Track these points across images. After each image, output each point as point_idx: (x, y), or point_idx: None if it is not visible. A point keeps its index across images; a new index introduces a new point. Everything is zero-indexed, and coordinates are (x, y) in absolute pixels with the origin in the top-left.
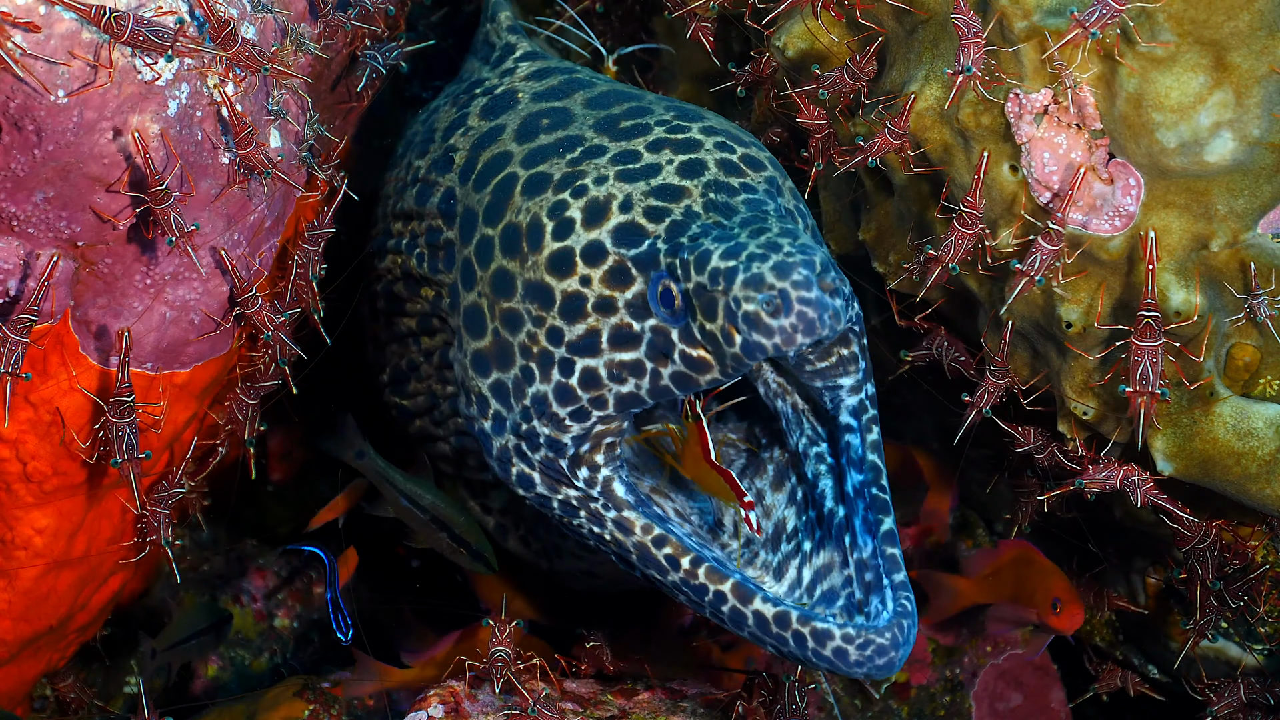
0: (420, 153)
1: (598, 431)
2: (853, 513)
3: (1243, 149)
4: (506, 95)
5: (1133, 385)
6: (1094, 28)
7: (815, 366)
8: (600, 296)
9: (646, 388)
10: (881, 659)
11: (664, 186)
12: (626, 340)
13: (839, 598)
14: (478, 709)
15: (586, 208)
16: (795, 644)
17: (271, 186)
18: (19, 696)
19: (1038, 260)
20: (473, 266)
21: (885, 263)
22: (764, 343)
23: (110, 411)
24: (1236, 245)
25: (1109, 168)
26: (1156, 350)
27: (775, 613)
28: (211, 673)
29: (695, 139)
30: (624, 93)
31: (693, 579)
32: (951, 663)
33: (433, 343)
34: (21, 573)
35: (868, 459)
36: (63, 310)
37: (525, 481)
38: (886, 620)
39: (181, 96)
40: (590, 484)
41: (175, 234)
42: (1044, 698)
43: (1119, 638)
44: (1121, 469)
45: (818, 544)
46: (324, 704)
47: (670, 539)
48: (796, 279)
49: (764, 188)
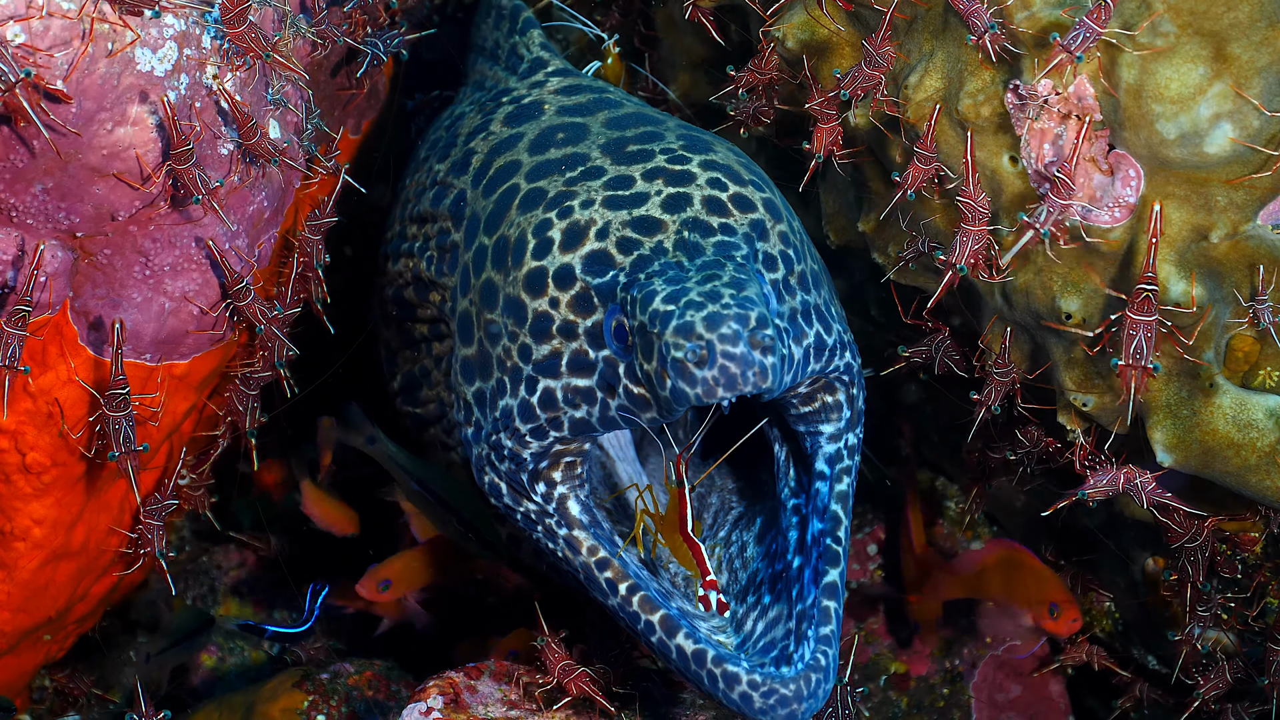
0: (441, 157)
1: (556, 451)
2: (806, 563)
3: (1243, 140)
4: (533, 106)
5: (1125, 359)
6: (1078, 51)
7: (799, 411)
8: (565, 320)
9: (596, 416)
10: (783, 710)
11: (643, 219)
12: (583, 367)
13: (775, 649)
14: (477, 700)
15: (567, 230)
16: (709, 682)
17: (271, 177)
18: (18, 687)
19: (1044, 213)
20: (469, 273)
21: (885, 254)
22: (687, 391)
23: (106, 405)
24: (1236, 236)
25: (1109, 159)
26: (1151, 325)
27: (694, 650)
28: (210, 664)
29: (690, 172)
30: (645, 116)
31: (628, 605)
32: (950, 654)
33: (443, 348)
34: (20, 564)
35: (830, 508)
36: (61, 301)
37: (495, 491)
38: (794, 673)
39: (180, 87)
40: (547, 499)
41: (201, 192)
42: (1043, 689)
43: (1119, 628)
44: (1122, 473)
45: (775, 596)
46: (323, 695)
47: (613, 564)
48: (725, 332)
49: (744, 230)
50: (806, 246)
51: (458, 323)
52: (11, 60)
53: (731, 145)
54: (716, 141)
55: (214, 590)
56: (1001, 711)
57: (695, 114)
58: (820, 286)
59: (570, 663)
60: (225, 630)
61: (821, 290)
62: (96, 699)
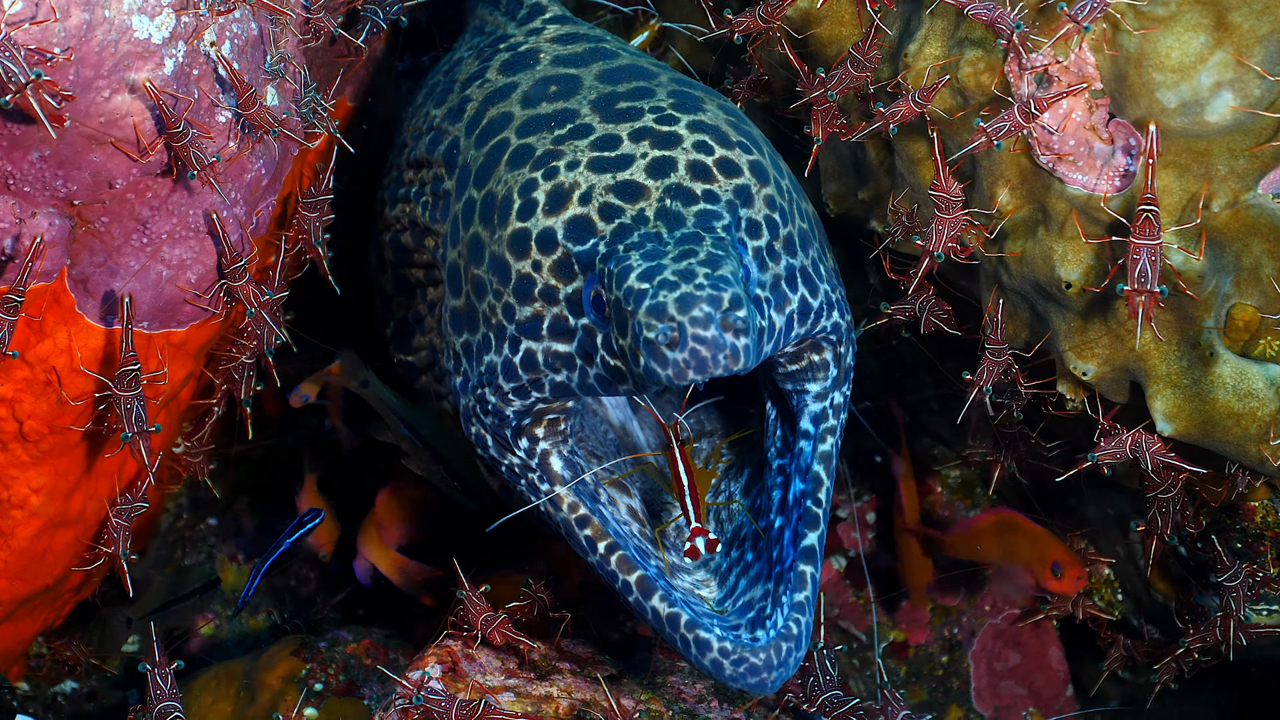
0: (439, 102)
1: (539, 409)
2: (786, 524)
3: (1244, 108)
4: (529, 54)
5: (1131, 284)
6: (1086, 21)
7: (785, 369)
8: (546, 284)
9: (576, 382)
10: (753, 678)
11: (627, 184)
12: (562, 332)
13: (752, 609)
14: (475, 669)
15: (551, 192)
16: (682, 646)
17: (269, 145)
18: (15, 655)
19: (1003, 126)
20: (459, 225)
21: (884, 222)
22: (659, 372)
23: (116, 384)
24: (1237, 205)
25: (1109, 128)
26: (1155, 248)
27: (668, 613)
28: (209, 631)
29: (677, 135)
30: (638, 69)
31: (605, 564)
32: (949, 622)
33: (437, 294)
34: (18, 531)
35: (813, 469)
36: (59, 269)
37: (481, 442)
38: (765, 641)
39: (178, 55)
40: (530, 454)
41: (198, 168)
42: (1042, 657)
43: (1118, 596)
44: (1129, 436)
45: (756, 554)
46: (321, 663)
47: (593, 520)
48: (696, 315)
49: (728, 197)
50: (795, 206)
51: (447, 272)
52: (23, 61)
53: (724, 101)
54: (708, 97)
55: (212, 558)
56: (1000, 679)
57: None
58: (808, 246)
59: (491, 614)
60: (224, 598)
61: (809, 250)
62: (94, 667)
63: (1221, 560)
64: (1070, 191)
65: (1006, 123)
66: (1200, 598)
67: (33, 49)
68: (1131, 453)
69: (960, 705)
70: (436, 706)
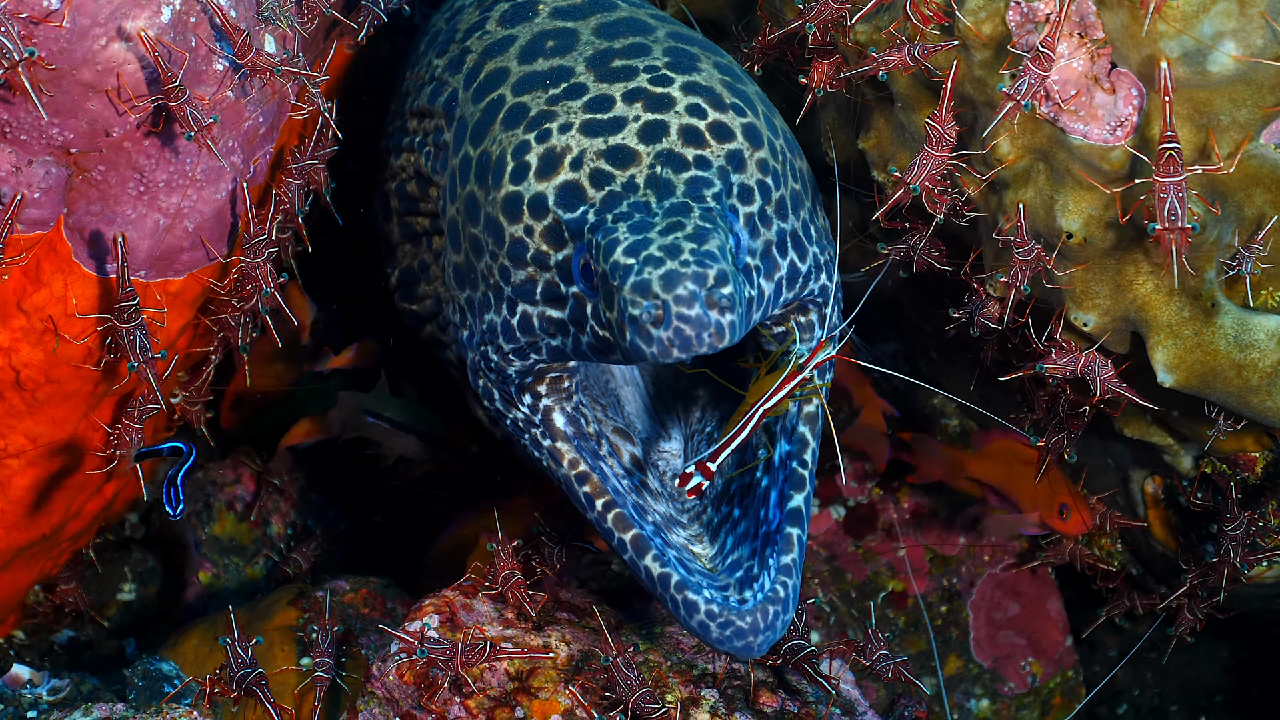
0: (440, 51)
1: (540, 369)
2: (772, 484)
3: (1246, 58)
4: (528, 5)
5: (1161, 222)
6: None
7: (772, 331)
8: (538, 250)
9: (570, 347)
10: (739, 641)
11: (618, 149)
12: (555, 298)
13: (740, 569)
14: (473, 619)
15: (543, 156)
16: (671, 606)
17: (265, 93)
18: (12, 604)
19: (1025, 85)
20: (456, 180)
21: (884, 172)
22: (643, 349)
23: (117, 318)
24: (1239, 156)
25: (1111, 77)
26: (1181, 184)
27: (659, 573)
28: (205, 579)
29: (670, 97)
30: (636, 23)
31: (603, 521)
32: (949, 572)
33: (441, 243)
34: (14, 481)
35: (798, 430)
36: (55, 218)
37: (488, 395)
38: (752, 605)
39: (175, 3)
40: (533, 410)
41: (193, 129)
42: (1041, 606)
43: (1118, 546)
44: (1083, 356)
45: (744, 511)
46: (318, 613)
47: (592, 478)
48: (680, 293)
49: (719, 164)
50: (789, 166)
51: (447, 226)
52: (16, 37)
53: (720, 58)
54: (705, 54)
55: (209, 507)
56: (999, 629)
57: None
58: (799, 208)
59: (512, 571)
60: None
61: (800, 212)
62: (89, 617)
63: (1229, 510)
64: (1072, 141)
65: (1026, 78)
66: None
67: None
68: (1082, 372)
69: (959, 655)
70: (441, 656)
